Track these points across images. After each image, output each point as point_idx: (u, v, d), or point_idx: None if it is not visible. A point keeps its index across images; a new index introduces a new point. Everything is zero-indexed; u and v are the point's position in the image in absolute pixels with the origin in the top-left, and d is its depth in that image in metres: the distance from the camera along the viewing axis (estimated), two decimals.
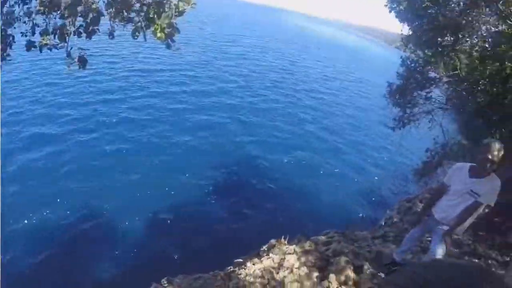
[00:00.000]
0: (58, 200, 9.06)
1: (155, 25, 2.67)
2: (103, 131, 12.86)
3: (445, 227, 3.18)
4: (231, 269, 4.50)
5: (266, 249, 4.66)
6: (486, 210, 6.04)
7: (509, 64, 6.11)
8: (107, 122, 13.50)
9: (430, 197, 3.48)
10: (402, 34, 11.10)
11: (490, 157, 2.81)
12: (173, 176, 11.05)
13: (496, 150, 2.82)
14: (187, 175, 11.22)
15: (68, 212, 8.84)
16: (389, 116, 11.63)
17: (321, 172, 13.31)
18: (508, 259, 4.24)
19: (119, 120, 13.83)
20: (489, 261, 4.45)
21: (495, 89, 6.62)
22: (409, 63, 10.91)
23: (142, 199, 9.68)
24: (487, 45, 7.62)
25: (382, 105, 12.47)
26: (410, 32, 10.71)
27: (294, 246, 4.50)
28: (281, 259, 4.19)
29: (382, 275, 3.97)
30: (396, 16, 10.74)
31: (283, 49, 38.05)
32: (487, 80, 7.01)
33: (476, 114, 7.34)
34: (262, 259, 4.29)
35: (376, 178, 13.94)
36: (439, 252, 3.17)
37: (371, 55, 61.35)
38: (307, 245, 4.58)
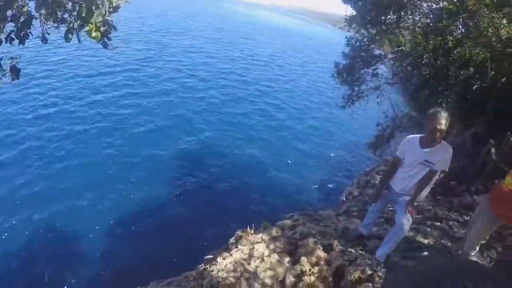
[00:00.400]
0: (18, 229, 8.08)
1: (90, 24, 2.47)
2: (49, 148, 11.31)
3: (406, 198, 3.23)
4: (203, 267, 4.28)
5: (234, 241, 4.49)
6: (441, 175, 6.49)
7: (451, 38, 6.46)
8: (51, 138, 11.99)
9: (386, 170, 3.53)
10: (346, 14, 11.32)
11: (438, 126, 2.84)
12: (130, 184, 10.05)
13: (443, 119, 2.86)
14: (144, 180, 10.37)
15: (29, 235, 7.94)
16: (339, 96, 11.89)
17: (279, 159, 13.30)
18: (467, 218, 4.51)
19: (65, 134, 12.20)
20: (450, 223, 4.75)
21: (439, 61, 6.98)
22: (354, 42, 11.17)
23: (103, 212, 8.83)
24: (429, 21, 7.98)
25: (331, 85, 12.65)
26: (354, 13, 10.92)
27: (261, 234, 4.38)
28: (250, 249, 4.06)
29: (352, 250, 4.01)
30: None
31: (228, 38, 36.93)
32: (430, 53, 7.40)
33: (422, 86, 7.73)
34: (231, 252, 4.12)
35: (332, 155, 14.34)
36: (405, 222, 3.24)
37: (316, 37, 62.41)
38: (274, 231, 4.49)
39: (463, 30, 6.49)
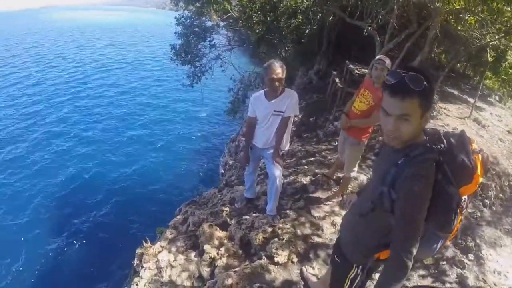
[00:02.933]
0: None
1: None
2: None
3: (271, 150, 3.27)
4: None
5: (138, 262, 3.86)
6: (296, 119, 6.92)
7: None
8: None
9: (245, 132, 3.53)
10: None
11: (275, 76, 2.89)
12: None
13: (278, 68, 2.91)
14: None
15: None
16: (184, 76, 11.47)
17: (147, 163, 11.85)
18: (336, 143, 4.89)
19: None
20: (323, 153, 5.19)
21: (268, 17, 7.27)
22: (184, 20, 10.92)
23: None
24: None
25: (174, 68, 12.16)
26: None
27: (158, 242, 3.89)
28: (156, 262, 3.57)
29: (247, 217, 3.90)
30: None
31: (56, 52, 29.85)
32: (259, 12, 7.67)
33: (258, 43, 8.00)
34: (140, 274, 3.53)
35: (199, 135, 13.71)
36: (277, 173, 3.28)
37: (146, 25, 57.74)
38: (168, 233, 4.05)
39: None
